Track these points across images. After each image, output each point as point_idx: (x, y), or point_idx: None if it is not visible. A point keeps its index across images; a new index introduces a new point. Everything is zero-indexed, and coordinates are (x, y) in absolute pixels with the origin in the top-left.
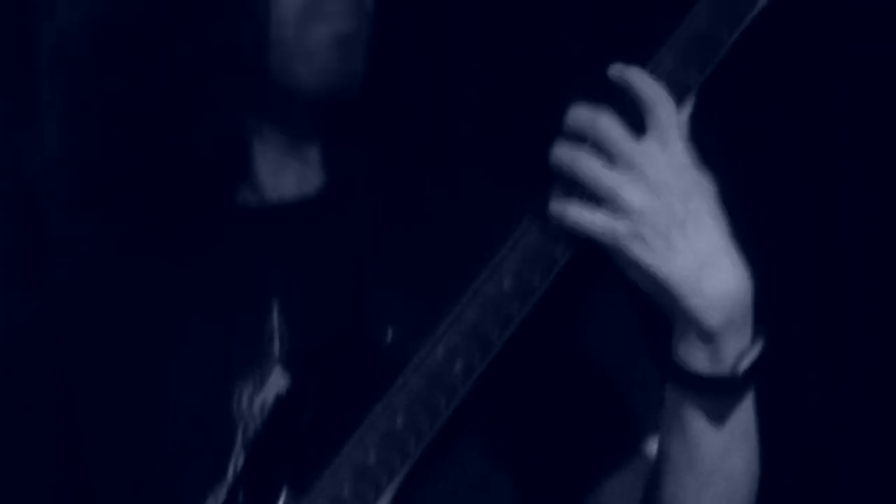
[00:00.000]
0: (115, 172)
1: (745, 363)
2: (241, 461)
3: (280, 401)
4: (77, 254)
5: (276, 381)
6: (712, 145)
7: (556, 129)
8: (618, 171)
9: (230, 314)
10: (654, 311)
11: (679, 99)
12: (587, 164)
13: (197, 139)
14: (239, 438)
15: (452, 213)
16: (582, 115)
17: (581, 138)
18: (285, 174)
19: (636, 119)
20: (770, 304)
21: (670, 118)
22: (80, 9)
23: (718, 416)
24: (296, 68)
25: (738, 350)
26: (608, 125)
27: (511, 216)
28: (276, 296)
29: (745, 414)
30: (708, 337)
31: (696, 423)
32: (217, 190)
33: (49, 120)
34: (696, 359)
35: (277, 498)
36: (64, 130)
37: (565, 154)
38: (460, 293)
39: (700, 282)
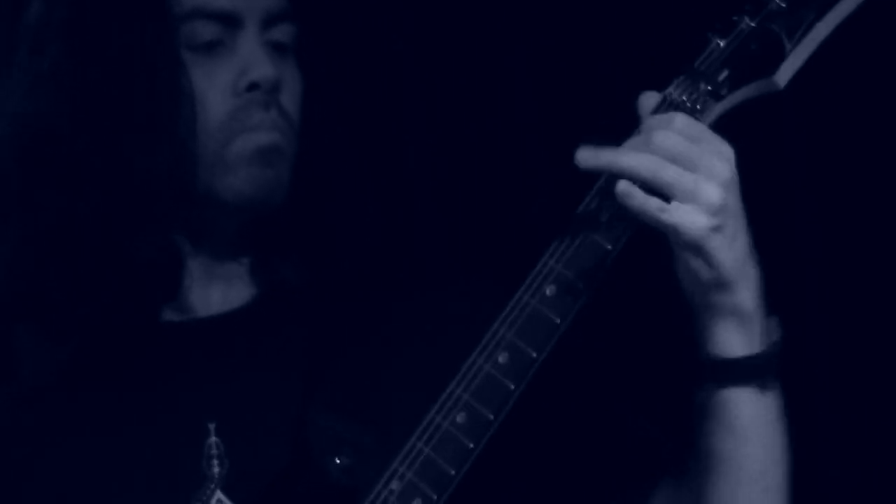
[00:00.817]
0: (39, 285)
1: (771, 338)
2: None
3: None
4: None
5: None
6: None
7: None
8: (689, 170)
9: (166, 438)
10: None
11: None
12: (663, 165)
13: (124, 254)
14: None
15: (395, 321)
16: (655, 120)
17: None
18: (213, 289)
19: None
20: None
21: (697, 125)
22: (10, 111)
23: (761, 399)
24: (219, 181)
25: (762, 328)
26: (664, 132)
27: (461, 318)
28: (213, 418)
29: (777, 398)
30: (747, 318)
31: (744, 412)
32: (144, 307)
33: None
34: (735, 344)
35: None
36: None
37: (628, 158)
38: (411, 410)
39: (745, 275)
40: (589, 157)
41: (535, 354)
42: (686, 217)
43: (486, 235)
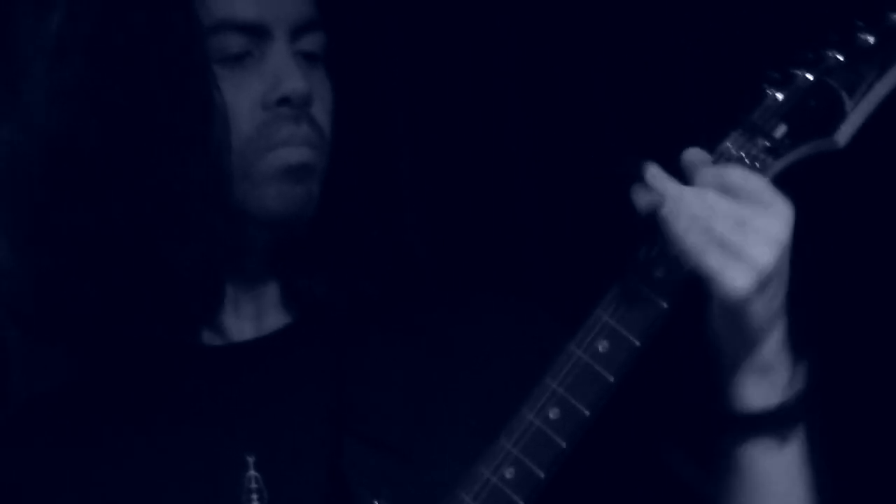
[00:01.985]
0: (69, 299)
1: (794, 388)
2: None
3: None
4: (34, 392)
5: None
6: None
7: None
8: (742, 228)
9: (204, 470)
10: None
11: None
12: (719, 218)
13: (160, 270)
14: None
15: (433, 347)
16: (710, 173)
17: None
18: (246, 313)
19: None
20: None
21: (760, 183)
22: (33, 123)
23: (780, 451)
24: (249, 196)
25: (785, 378)
26: (740, 175)
27: (501, 347)
28: (252, 450)
29: (800, 447)
30: (769, 370)
31: (761, 465)
32: (182, 327)
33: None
34: (753, 397)
35: None
36: (15, 245)
37: (693, 207)
38: (450, 443)
39: (778, 321)
40: (644, 196)
41: (587, 413)
42: (732, 273)
43: (528, 257)
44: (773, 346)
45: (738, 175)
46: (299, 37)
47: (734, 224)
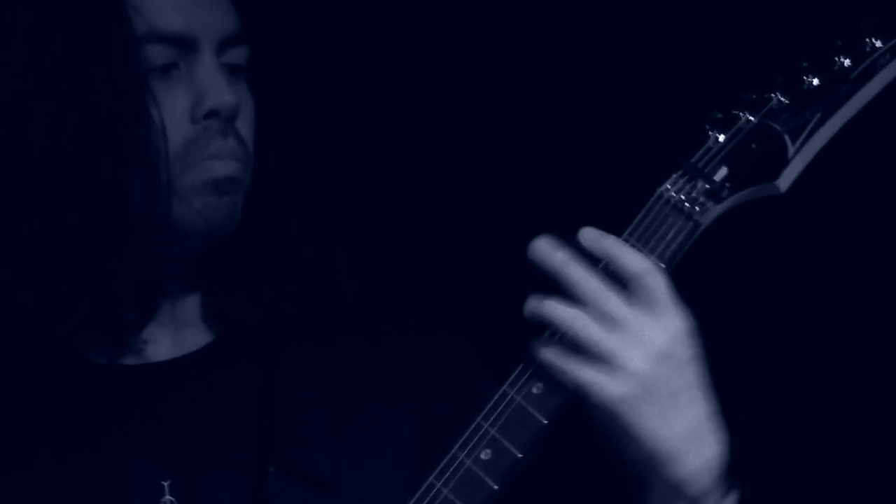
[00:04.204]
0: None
1: None
2: None
3: None
4: None
5: None
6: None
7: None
8: (617, 332)
9: (117, 495)
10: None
11: (668, 263)
12: (586, 325)
13: (98, 277)
14: None
15: (358, 371)
16: (575, 273)
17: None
18: (165, 332)
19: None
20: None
21: (659, 287)
22: None
23: None
24: (174, 208)
25: None
26: (601, 290)
27: (427, 376)
28: (167, 475)
29: None
30: (692, 498)
31: None
32: (115, 338)
33: None
34: None
35: None
36: None
37: (560, 312)
38: (373, 472)
39: (688, 453)
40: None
41: (519, 455)
42: (595, 378)
43: (457, 278)
44: (692, 471)
45: (635, 269)
46: (225, 50)
47: (604, 330)
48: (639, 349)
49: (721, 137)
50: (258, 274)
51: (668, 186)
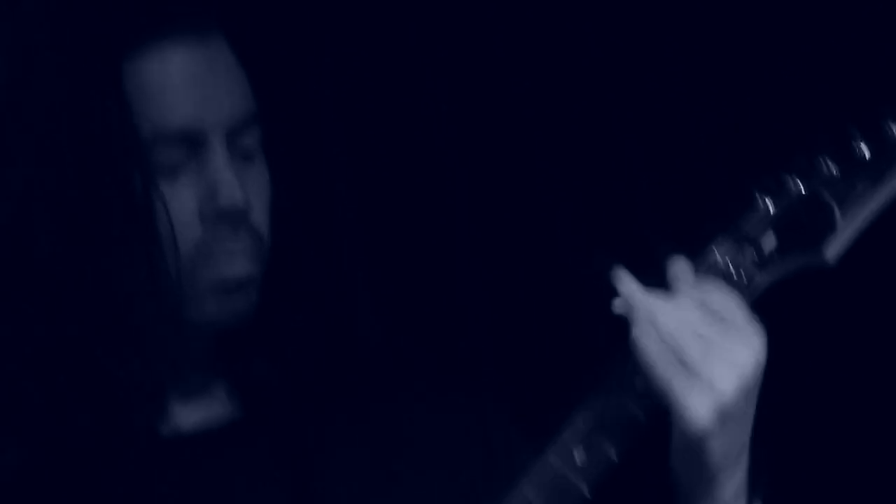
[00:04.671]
0: (17, 395)
1: None
2: None
3: None
4: None
5: None
6: None
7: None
8: (710, 349)
9: None
10: None
11: None
12: (691, 344)
13: (104, 376)
14: None
15: (384, 435)
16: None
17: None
18: (193, 405)
19: None
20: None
21: (746, 315)
22: None
23: None
24: (188, 306)
25: None
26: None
27: (454, 437)
28: None
29: None
30: None
31: None
32: (124, 427)
33: None
34: None
35: None
36: None
37: (669, 326)
38: None
39: (739, 461)
40: (622, 304)
41: None
42: (695, 400)
43: (479, 342)
44: (730, 490)
45: (716, 297)
46: (236, 136)
47: (702, 345)
48: (727, 367)
49: (771, 205)
50: (279, 339)
51: (716, 251)
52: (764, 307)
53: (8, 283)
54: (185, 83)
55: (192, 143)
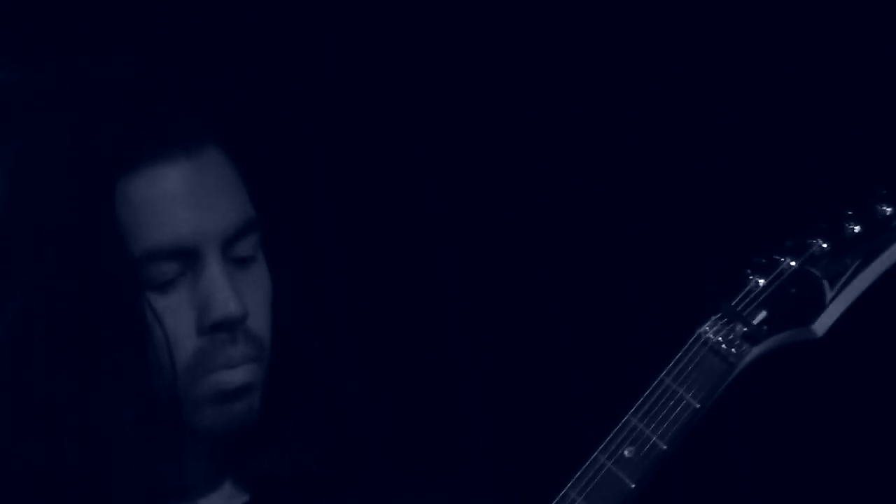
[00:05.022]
0: None
1: None
2: None
3: None
4: None
5: None
6: None
7: None
8: None
9: None
10: None
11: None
12: None
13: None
14: None
15: None
16: None
17: None
18: (199, 496)
19: None
20: None
21: None
22: None
23: None
24: (189, 417)
25: None
26: None
27: None
28: None
29: None
30: None
31: None
32: None
33: None
34: None
35: None
36: None
37: None
38: None
39: None
40: None
41: None
42: None
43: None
44: None
45: None
46: (231, 246)
47: None
48: None
49: (761, 281)
50: (282, 429)
51: (707, 328)
52: None
53: (4, 404)
54: (177, 201)
55: (187, 257)
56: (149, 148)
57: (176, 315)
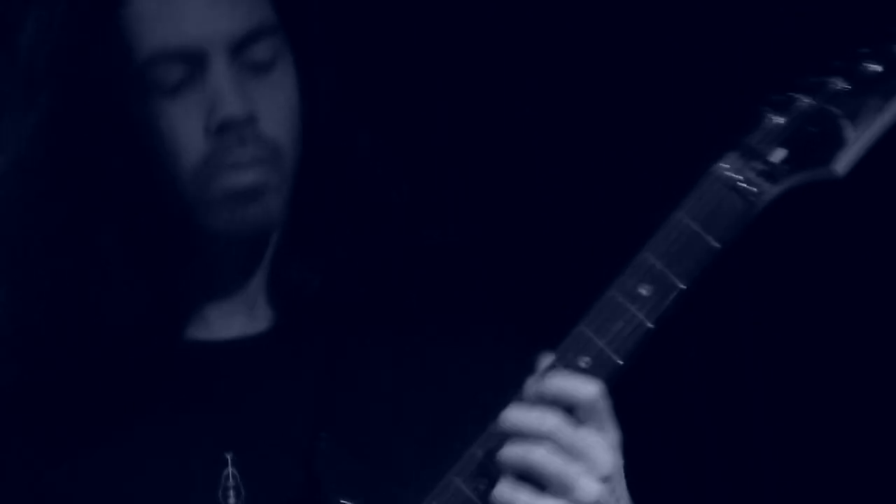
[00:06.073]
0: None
1: None
2: None
3: None
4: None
5: None
6: None
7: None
8: (572, 461)
9: (183, 464)
10: None
11: (722, 243)
12: (545, 458)
13: (130, 295)
14: None
15: (417, 356)
16: (528, 416)
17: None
18: (234, 311)
19: None
20: None
21: (603, 406)
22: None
23: None
24: (206, 219)
25: None
26: (557, 422)
27: (483, 368)
28: (231, 447)
29: None
30: None
31: None
32: (159, 333)
33: None
34: None
35: None
36: None
37: (517, 451)
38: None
39: None
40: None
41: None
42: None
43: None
44: None
45: (589, 396)
46: (243, 50)
47: (561, 461)
48: (593, 475)
49: (779, 120)
50: (311, 236)
51: (725, 165)
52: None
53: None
54: (182, 3)
55: (194, 59)
56: None
57: (185, 119)
